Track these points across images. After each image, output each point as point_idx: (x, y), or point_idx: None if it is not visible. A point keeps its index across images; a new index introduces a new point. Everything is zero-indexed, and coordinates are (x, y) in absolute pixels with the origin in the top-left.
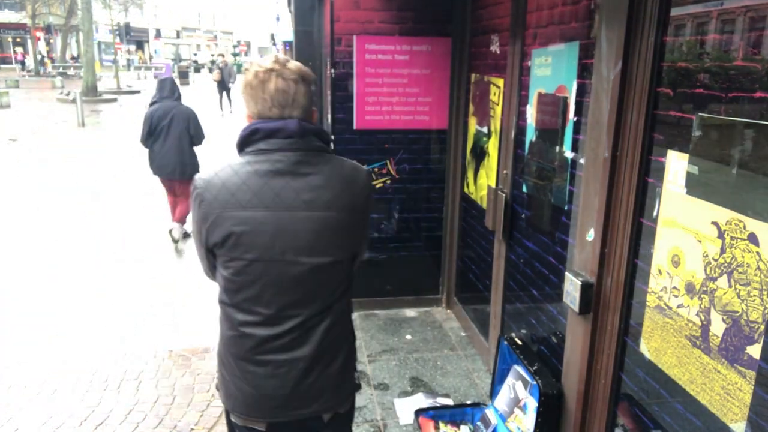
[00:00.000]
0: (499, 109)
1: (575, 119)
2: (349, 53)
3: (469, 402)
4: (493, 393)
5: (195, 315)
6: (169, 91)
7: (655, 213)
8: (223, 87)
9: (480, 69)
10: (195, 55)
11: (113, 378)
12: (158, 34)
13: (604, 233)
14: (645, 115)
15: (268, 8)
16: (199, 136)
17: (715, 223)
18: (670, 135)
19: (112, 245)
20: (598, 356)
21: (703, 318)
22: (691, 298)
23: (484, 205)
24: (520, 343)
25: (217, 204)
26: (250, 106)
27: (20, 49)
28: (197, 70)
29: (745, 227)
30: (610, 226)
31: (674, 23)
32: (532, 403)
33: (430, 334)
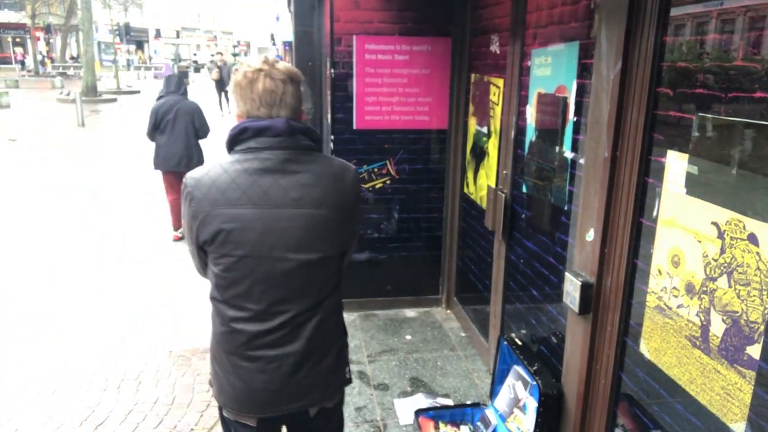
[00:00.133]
0: (498, 109)
1: (575, 119)
2: (349, 53)
3: (469, 402)
4: (493, 393)
5: (195, 315)
6: (175, 86)
7: (655, 213)
8: (222, 86)
9: (480, 69)
10: (195, 55)
11: (113, 378)
12: (158, 34)
13: (604, 233)
14: (645, 115)
15: (268, 8)
16: (204, 129)
17: (715, 224)
18: (670, 135)
19: (112, 245)
20: (598, 356)
21: (702, 318)
22: (691, 299)
23: (484, 205)
24: (520, 343)
25: (207, 202)
26: (239, 105)
27: (20, 49)
28: (197, 70)
29: (744, 227)
30: (610, 226)
31: (674, 23)
32: (532, 404)
33: (430, 335)
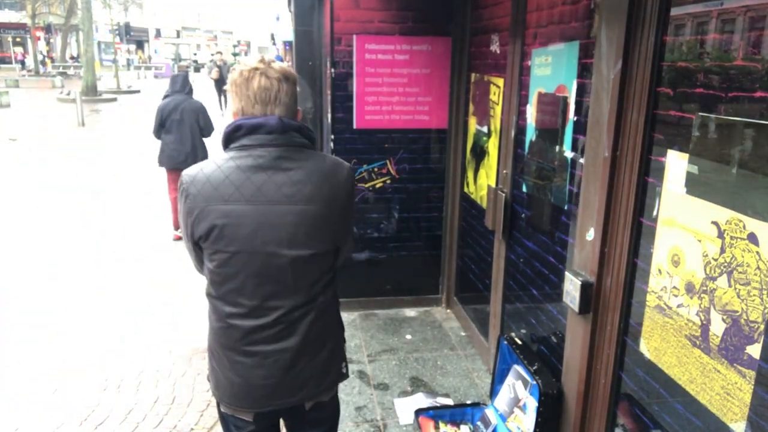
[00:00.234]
0: (499, 109)
1: (575, 119)
2: (349, 53)
3: (469, 402)
4: (493, 393)
5: (195, 314)
6: (181, 86)
7: (655, 212)
8: (221, 86)
9: (480, 68)
10: (195, 54)
11: (113, 377)
12: (158, 34)
13: (604, 233)
14: (645, 115)
15: (268, 8)
16: (209, 128)
17: (715, 223)
18: (670, 135)
19: (112, 244)
20: (598, 356)
21: (702, 318)
22: (691, 298)
23: (484, 204)
24: (520, 342)
25: (201, 198)
26: (235, 103)
27: (20, 49)
28: (197, 69)
29: (744, 227)
30: (610, 225)
31: (674, 23)
32: (532, 403)
33: (430, 334)
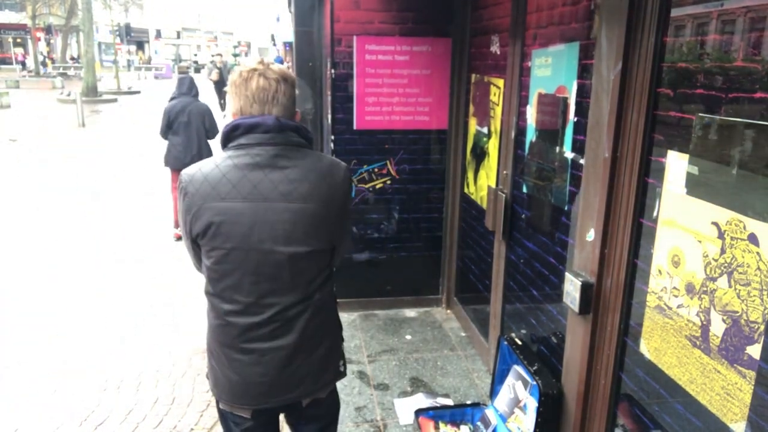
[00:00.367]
0: (499, 110)
1: (575, 120)
2: (350, 54)
3: (469, 402)
4: (493, 393)
5: (195, 315)
6: (187, 88)
7: (655, 213)
8: (221, 87)
9: (480, 69)
10: (195, 55)
11: (113, 378)
12: (158, 35)
13: (604, 233)
14: (645, 116)
15: (269, 8)
16: (214, 130)
17: (715, 224)
18: (670, 135)
19: (112, 245)
20: (598, 356)
21: (703, 318)
22: (691, 299)
23: (484, 205)
24: (520, 343)
25: (199, 196)
26: (234, 103)
27: (20, 50)
28: (197, 70)
29: (745, 227)
30: (610, 226)
31: (674, 24)
32: (532, 404)
33: (430, 335)
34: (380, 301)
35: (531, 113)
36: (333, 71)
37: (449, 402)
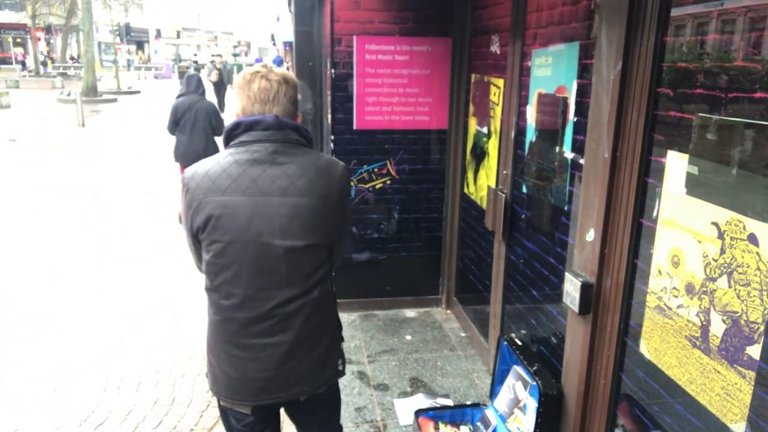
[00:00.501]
0: (499, 110)
1: (575, 119)
2: (350, 53)
3: (468, 402)
4: (493, 393)
5: (195, 315)
6: (194, 87)
7: (655, 213)
8: (220, 88)
9: (480, 69)
10: (195, 55)
11: (113, 378)
12: (158, 35)
13: (604, 233)
14: (645, 115)
15: (269, 8)
16: (220, 127)
17: (715, 224)
18: (670, 135)
19: (112, 245)
20: (598, 357)
21: (702, 318)
22: (691, 299)
23: (484, 205)
24: (519, 343)
25: (200, 191)
26: (237, 103)
27: (20, 50)
28: (197, 70)
29: (744, 227)
30: (610, 226)
31: (674, 23)
32: (532, 404)
33: (429, 335)
34: (380, 301)
35: (531, 113)
36: (333, 71)
37: (449, 402)
